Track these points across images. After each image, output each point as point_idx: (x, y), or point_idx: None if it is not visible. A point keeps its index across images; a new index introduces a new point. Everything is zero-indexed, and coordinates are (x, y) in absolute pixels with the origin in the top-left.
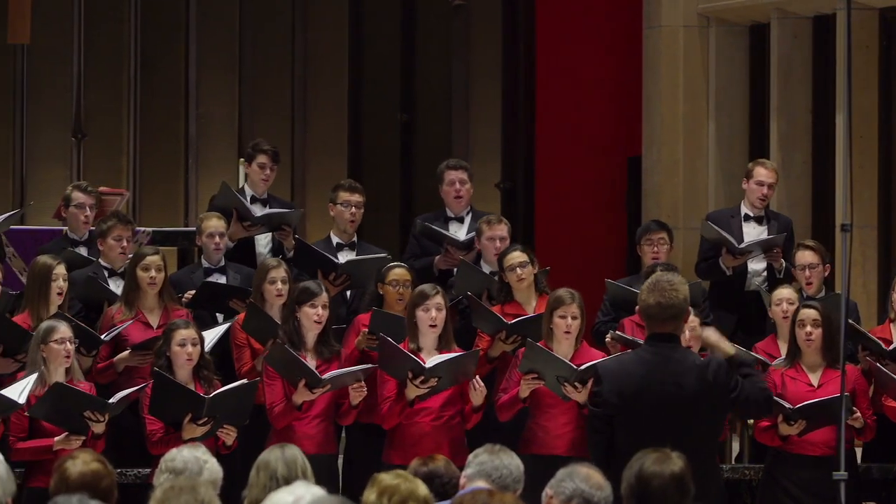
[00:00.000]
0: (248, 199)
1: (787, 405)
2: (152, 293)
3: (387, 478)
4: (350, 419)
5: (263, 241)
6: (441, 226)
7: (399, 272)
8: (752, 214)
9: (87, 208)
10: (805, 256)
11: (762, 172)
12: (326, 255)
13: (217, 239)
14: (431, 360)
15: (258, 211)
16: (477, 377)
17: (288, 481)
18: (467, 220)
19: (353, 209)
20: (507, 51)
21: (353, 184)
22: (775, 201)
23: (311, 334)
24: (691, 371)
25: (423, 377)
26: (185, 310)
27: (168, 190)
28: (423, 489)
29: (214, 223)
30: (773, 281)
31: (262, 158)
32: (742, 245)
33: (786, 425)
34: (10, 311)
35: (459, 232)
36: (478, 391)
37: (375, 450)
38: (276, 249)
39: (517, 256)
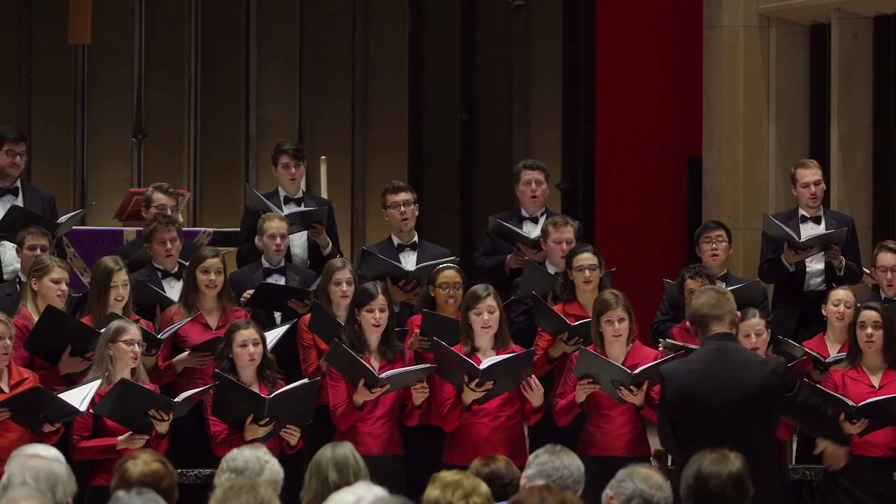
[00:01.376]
0: (282, 199)
1: (851, 402)
2: (211, 295)
3: (448, 475)
4: (415, 420)
5: (298, 241)
6: (515, 225)
7: (449, 274)
8: (808, 215)
9: (168, 209)
10: (887, 258)
11: (804, 173)
12: (394, 263)
13: (278, 240)
14: (486, 361)
15: (288, 211)
16: (533, 377)
17: (339, 486)
18: (541, 220)
19: (403, 208)
20: (567, 51)
21: (396, 184)
22: (835, 201)
23: (372, 337)
24: (752, 367)
25: (478, 380)
26: (244, 311)
27: (228, 190)
28: (484, 487)
29: (276, 224)
30: (834, 279)
31: (284, 159)
32: (802, 239)
33: (848, 424)
34: (72, 313)
35: (533, 232)
36: (534, 391)
37: (437, 451)
38: (312, 249)
39: (587, 258)
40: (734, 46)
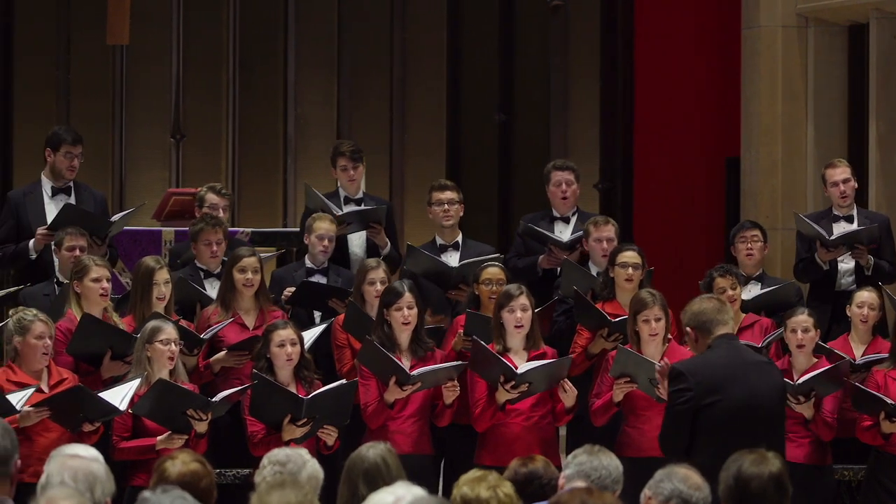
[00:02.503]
0: (342, 200)
1: (890, 401)
2: (248, 294)
3: (472, 472)
4: (445, 420)
5: (357, 242)
6: (546, 226)
7: (492, 271)
8: (840, 214)
9: (220, 210)
10: None
11: (832, 173)
12: (439, 259)
13: (326, 242)
14: (523, 366)
15: (347, 210)
16: (566, 380)
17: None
18: (573, 220)
19: (447, 206)
20: (605, 51)
21: (443, 182)
22: (873, 202)
23: (402, 335)
24: (766, 365)
25: (513, 382)
26: (281, 311)
27: (266, 190)
28: (509, 483)
29: (326, 226)
30: (865, 279)
31: (342, 161)
32: (832, 237)
33: (888, 423)
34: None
35: (565, 232)
36: (568, 393)
37: (471, 450)
38: (371, 249)
39: (632, 256)
40: (772, 46)
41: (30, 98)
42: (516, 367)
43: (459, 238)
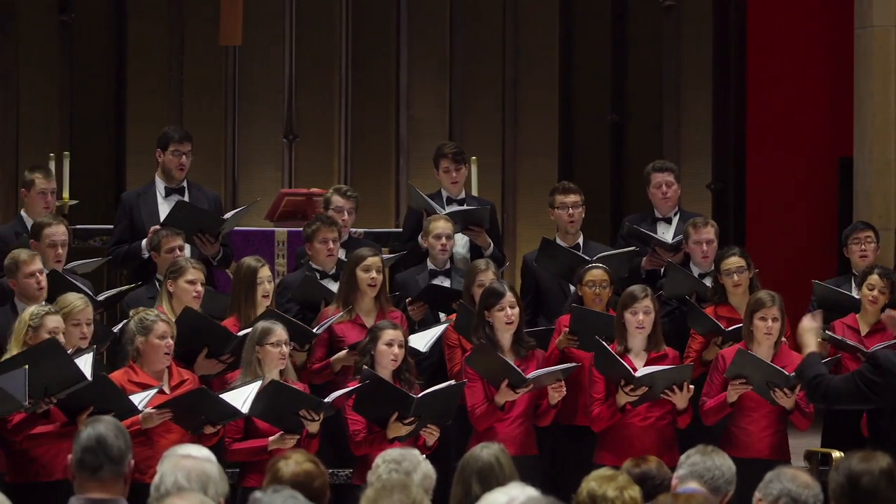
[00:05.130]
0: (445, 201)
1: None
2: (371, 294)
3: (602, 471)
4: (548, 420)
5: (461, 242)
6: (648, 227)
7: (596, 273)
8: None
9: (346, 212)
10: None
11: None
12: (576, 252)
13: (444, 240)
14: (643, 370)
15: (449, 210)
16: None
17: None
18: (675, 220)
19: (571, 210)
20: (717, 51)
21: (567, 185)
22: None
23: (505, 336)
24: None
25: (632, 385)
26: (401, 313)
27: (378, 191)
28: (637, 487)
29: (442, 225)
30: None
31: (445, 163)
32: None
33: None
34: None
35: (667, 233)
36: (678, 395)
37: (581, 451)
38: (475, 249)
39: (735, 262)
40: (885, 46)
41: (142, 99)
42: (635, 370)
43: (581, 240)
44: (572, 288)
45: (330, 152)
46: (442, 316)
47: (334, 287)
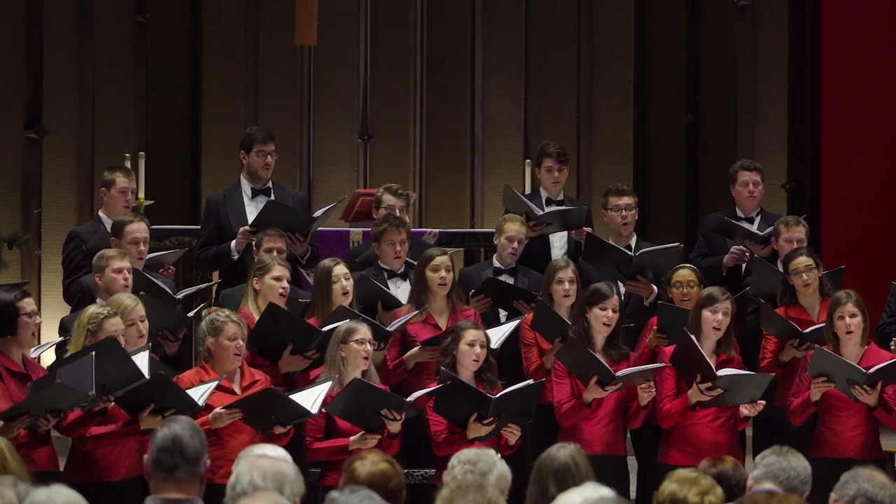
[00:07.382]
0: (544, 201)
1: None
2: (442, 294)
3: (685, 472)
4: (639, 422)
5: (559, 243)
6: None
7: (683, 273)
8: None
9: (397, 210)
10: None
11: None
12: (621, 249)
13: (515, 244)
14: (722, 372)
15: (548, 210)
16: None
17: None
18: (757, 220)
19: (624, 212)
20: (792, 49)
21: (620, 187)
22: None
23: (599, 336)
24: None
25: (709, 385)
26: (473, 311)
27: (454, 191)
28: (719, 489)
29: (516, 227)
30: None
31: (548, 162)
32: None
33: None
34: (300, 315)
35: None
36: (753, 409)
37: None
38: (574, 250)
39: (803, 261)
40: None
41: (218, 100)
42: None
43: (633, 241)
44: (621, 287)
45: (405, 153)
46: (502, 313)
47: (403, 286)
